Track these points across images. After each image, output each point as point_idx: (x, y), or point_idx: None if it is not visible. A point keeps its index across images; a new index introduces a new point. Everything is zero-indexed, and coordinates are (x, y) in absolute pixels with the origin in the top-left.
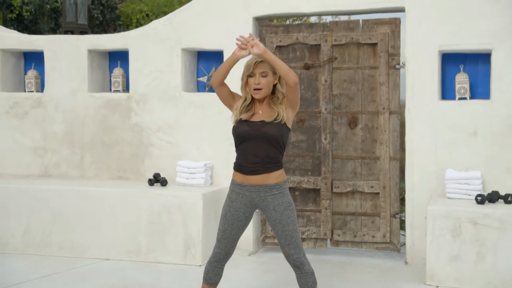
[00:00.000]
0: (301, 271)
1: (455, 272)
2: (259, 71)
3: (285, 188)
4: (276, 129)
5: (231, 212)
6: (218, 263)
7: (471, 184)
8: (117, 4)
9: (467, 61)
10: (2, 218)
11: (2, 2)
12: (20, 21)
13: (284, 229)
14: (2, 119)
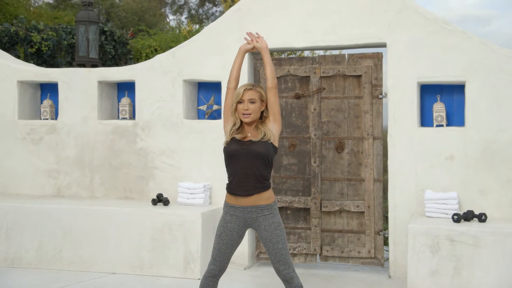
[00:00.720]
0: (291, 285)
1: (434, 285)
2: (247, 98)
3: (275, 208)
4: (263, 147)
5: (225, 233)
6: (213, 278)
7: (448, 204)
8: (128, 40)
9: (444, 92)
10: (17, 235)
11: (23, 38)
12: (40, 55)
13: (274, 247)
14: (19, 144)
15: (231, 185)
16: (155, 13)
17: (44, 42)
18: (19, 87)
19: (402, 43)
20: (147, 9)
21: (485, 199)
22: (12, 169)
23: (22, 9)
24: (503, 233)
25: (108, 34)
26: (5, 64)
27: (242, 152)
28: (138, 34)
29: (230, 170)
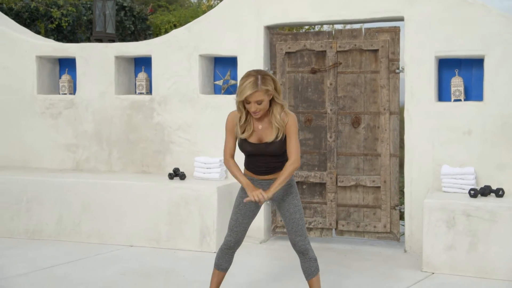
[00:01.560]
0: (305, 257)
1: (450, 260)
2: (254, 100)
3: (293, 180)
4: (279, 146)
5: (243, 203)
6: (229, 250)
7: (465, 179)
8: (148, 16)
9: (462, 66)
10: (37, 208)
11: (43, 14)
12: (60, 31)
13: (291, 217)
14: (39, 119)
15: (248, 167)
16: None
17: (64, 18)
18: (38, 62)
19: (420, 17)
20: None
21: (503, 174)
22: (31, 143)
23: None
24: None
25: (127, 10)
26: (24, 40)
27: (258, 153)
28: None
29: (248, 160)
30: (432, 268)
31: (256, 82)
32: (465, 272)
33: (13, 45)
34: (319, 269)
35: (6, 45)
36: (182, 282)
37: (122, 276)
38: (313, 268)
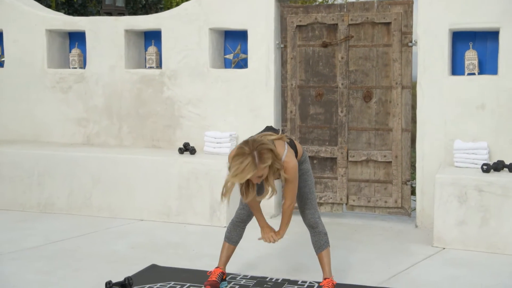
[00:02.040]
0: (315, 230)
1: (461, 235)
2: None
3: (304, 157)
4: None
5: None
6: (241, 223)
7: (478, 153)
8: None
9: (477, 39)
10: (49, 182)
11: None
12: (70, 4)
13: (301, 191)
14: (49, 93)
15: None
16: None
17: None
18: (48, 36)
19: None
20: None
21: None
22: (42, 117)
23: None
24: None
25: None
26: (33, 13)
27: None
28: None
29: None
30: (443, 243)
31: (254, 162)
32: (477, 248)
33: (23, 19)
34: (329, 243)
35: (16, 19)
36: (192, 256)
37: (132, 250)
38: (323, 242)
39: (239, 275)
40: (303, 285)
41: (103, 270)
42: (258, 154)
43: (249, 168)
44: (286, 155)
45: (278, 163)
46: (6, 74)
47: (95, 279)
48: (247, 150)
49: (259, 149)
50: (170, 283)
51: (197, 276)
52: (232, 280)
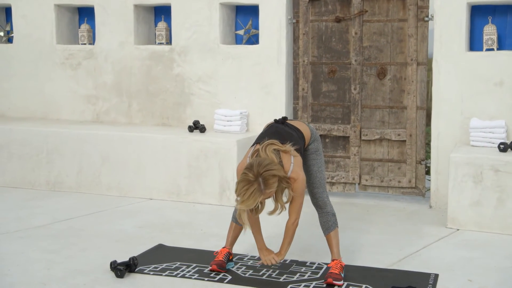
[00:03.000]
0: (323, 210)
1: (476, 216)
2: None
3: (313, 137)
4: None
5: None
6: None
7: (495, 132)
8: None
9: (496, 13)
10: (58, 160)
11: None
12: None
13: (309, 170)
14: (58, 69)
15: None
16: None
17: None
18: (57, 11)
19: None
20: None
21: None
22: (51, 94)
23: None
24: None
25: None
26: None
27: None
28: None
29: None
30: (458, 224)
31: (259, 189)
32: (492, 229)
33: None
34: (337, 224)
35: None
36: (200, 236)
37: (140, 229)
38: (331, 223)
39: (246, 255)
40: (311, 267)
41: (109, 249)
42: (263, 181)
43: (254, 195)
44: (292, 170)
45: (285, 182)
46: (15, 50)
47: (101, 259)
48: (251, 177)
49: (264, 176)
50: (176, 263)
51: (204, 256)
52: (239, 260)
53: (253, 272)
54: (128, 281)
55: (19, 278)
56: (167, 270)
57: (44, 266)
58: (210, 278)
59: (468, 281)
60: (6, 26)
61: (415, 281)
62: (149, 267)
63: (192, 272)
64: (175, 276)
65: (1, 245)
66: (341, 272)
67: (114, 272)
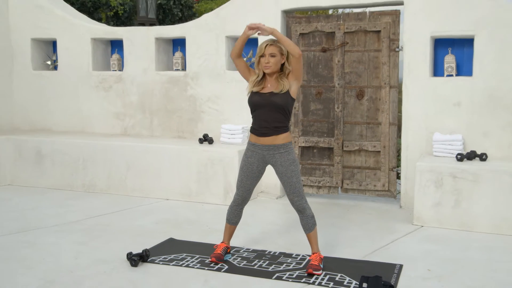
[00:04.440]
0: (303, 214)
1: (437, 215)
2: (268, 52)
3: (290, 147)
4: (281, 99)
5: (246, 166)
6: (237, 207)
7: (454, 145)
8: (194, 4)
9: (455, 45)
10: (91, 166)
11: (104, 3)
12: (118, 17)
13: (289, 181)
14: (93, 91)
15: (254, 128)
16: None
17: (120, 6)
18: (93, 44)
19: (418, 1)
20: None
21: (487, 141)
22: (88, 112)
23: None
24: (500, 170)
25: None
26: (81, 24)
27: (263, 103)
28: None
29: (254, 116)
30: (422, 221)
31: (273, 40)
32: (450, 226)
33: (73, 29)
34: (315, 224)
35: (67, 29)
36: (204, 231)
37: (156, 225)
38: (310, 224)
39: (242, 248)
40: (296, 258)
41: (129, 242)
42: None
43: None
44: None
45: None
46: (59, 76)
47: (121, 250)
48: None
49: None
50: (182, 255)
51: (206, 249)
52: (236, 252)
53: (247, 262)
54: (141, 269)
55: (50, 265)
56: (175, 260)
57: (73, 256)
58: (209, 267)
59: (428, 270)
60: (53, 56)
61: (382, 271)
62: (159, 257)
63: (195, 262)
64: (181, 266)
65: (40, 237)
66: (320, 263)
67: (129, 262)
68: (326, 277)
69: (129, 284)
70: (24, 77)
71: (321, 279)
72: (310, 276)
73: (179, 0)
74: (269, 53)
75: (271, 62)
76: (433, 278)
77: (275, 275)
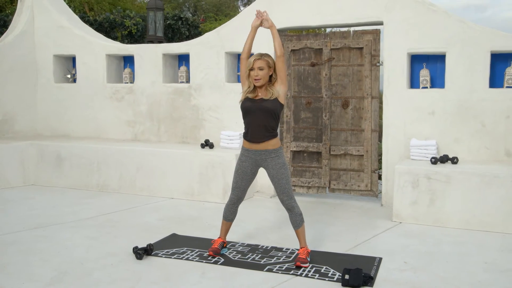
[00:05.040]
0: (292, 212)
1: (413, 212)
2: (257, 66)
3: (281, 152)
4: (271, 104)
5: (241, 169)
6: (233, 206)
7: (429, 149)
8: (200, 24)
9: (430, 60)
10: (105, 168)
11: (119, 24)
12: (132, 36)
13: (279, 183)
14: (108, 102)
15: (246, 134)
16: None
17: (133, 26)
18: (107, 59)
19: (396, 22)
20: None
21: (458, 146)
22: (103, 120)
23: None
24: (469, 172)
25: (183, 20)
26: (97, 42)
27: (254, 108)
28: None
29: (246, 122)
30: (400, 218)
31: (261, 54)
32: (425, 222)
33: (90, 46)
34: (303, 221)
35: (84, 47)
36: (204, 227)
37: (160, 221)
38: (298, 221)
39: (238, 243)
40: (286, 252)
41: (135, 237)
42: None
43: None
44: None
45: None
46: (78, 88)
47: (127, 244)
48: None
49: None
50: (183, 249)
51: (205, 243)
52: (231, 247)
53: (241, 256)
54: (145, 262)
55: (64, 258)
56: (176, 254)
57: (84, 250)
58: (207, 260)
59: (404, 263)
60: (72, 71)
61: (364, 263)
62: (162, 251)
63: (194, 255)
64: (181, 259)
65: (57, 233)
66: (307, 256)
67: (135, 255)
68: (313, 269)
69: (133, 275)
70: (47, 89)
71: (308, 271)
72: (298, 268)
73: (186, 21)
74: (258, 66)
75: (260, 75)
76: (409, 269)
77: (266, 267)
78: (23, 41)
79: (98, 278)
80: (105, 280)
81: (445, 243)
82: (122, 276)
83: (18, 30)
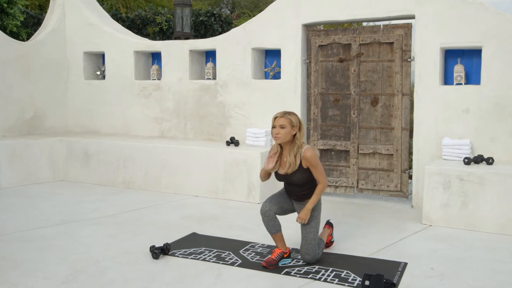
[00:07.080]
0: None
1: (444, 215)
2: (278, 124)
3: (317, 205)
4: (298, 177)
5: (283, 196)
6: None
7: (462, 149)
8: (233, 20)
9: (464, 55)
10: (131, 165)
11: (151, 20)
12: (163, 32)
13: (306, 236)
14: (136, 98)
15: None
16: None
17: (164, 23)
18: (135, 56)
19: (428, 15)
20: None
21: (494, 146)
22: (131, 116)
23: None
24: (505, 174)
25: (216, 16)
26: (125, 39)
27: (286, 181)
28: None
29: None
30: (430, 221)
31: (284, 112)
32: (457, 225)
33: (118, 43)
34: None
35: (113, 44)
36: (226, 226)
37: (182, 220)
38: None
39: (257, 243)
40: None
41: (155, 235)
42: (288, 113)
43: (279, 113)
44: (307, 147)
45: (298, 140)
46: (107, 84)
47: (146, 243)
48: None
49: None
50: (201, 248)
51: (225, 243)
52: (251, 248)
53: (260, 257)
54: (161, 262)
55: (81, 256)
56: (193, 254)
57: (103, 247)
58: (224, 261)
59: (431, 269)
60: (102, 67)
61: (387, 269)
62: (180, 251)
63: (212, 256)
64: (198, 259)
65: (77, 230)
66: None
67: (151, 254)
68: (333, 274)
69: (147, 275)
70: (77, 86)
71: (327, 275)
72: (317, 273)
73: (219, 17)
74: (279, 124)
75: (281, 133)
76: (435, 276)
77: (284, 270)
78: (55, 38)
79: (112, 278)
80: (118, 280)
81: (476, 249)
82: (136, 276)
83: (50, 28)
